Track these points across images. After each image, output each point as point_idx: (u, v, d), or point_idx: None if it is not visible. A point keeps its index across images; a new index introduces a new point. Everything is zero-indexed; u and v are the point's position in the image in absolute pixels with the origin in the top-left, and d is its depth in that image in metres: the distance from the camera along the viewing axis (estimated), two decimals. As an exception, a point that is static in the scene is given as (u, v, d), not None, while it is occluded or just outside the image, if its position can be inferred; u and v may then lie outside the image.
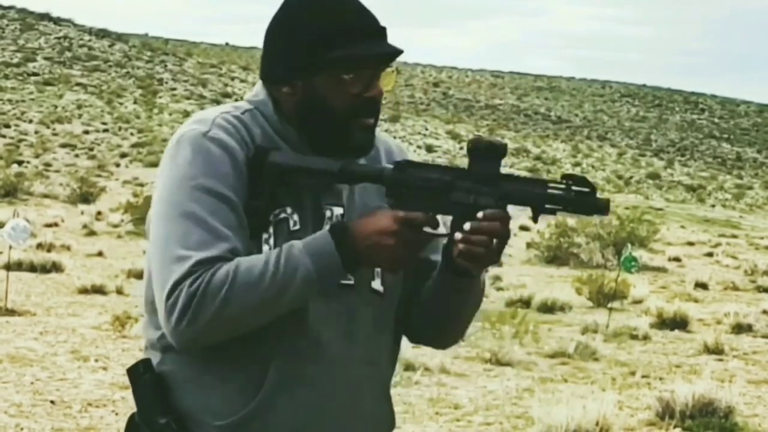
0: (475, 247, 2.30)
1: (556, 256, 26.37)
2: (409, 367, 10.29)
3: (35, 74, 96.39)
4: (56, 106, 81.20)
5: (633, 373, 11.30)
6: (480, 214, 2.30)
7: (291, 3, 2.48)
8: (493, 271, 19.47)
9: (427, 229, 2.36)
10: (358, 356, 2.47)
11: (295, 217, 2.42)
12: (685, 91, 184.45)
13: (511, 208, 2.34)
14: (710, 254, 32.61)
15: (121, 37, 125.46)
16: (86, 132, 70.25)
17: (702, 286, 22.20)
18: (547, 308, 16.08)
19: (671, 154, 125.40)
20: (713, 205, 74.00)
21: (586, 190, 2.29)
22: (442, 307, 2.52)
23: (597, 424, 7.75)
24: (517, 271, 23.61)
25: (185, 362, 2.43)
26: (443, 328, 2.58)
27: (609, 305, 15.55)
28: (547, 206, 2.31)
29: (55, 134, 68.08)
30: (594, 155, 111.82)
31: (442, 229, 2.40)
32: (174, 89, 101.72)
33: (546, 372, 11.18)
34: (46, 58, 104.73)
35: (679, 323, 14.98)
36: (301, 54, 2.43)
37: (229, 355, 2.40)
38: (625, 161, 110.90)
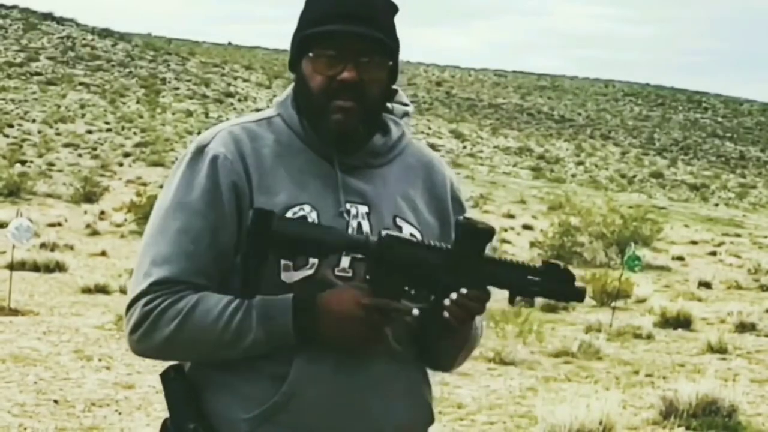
0: (453, 319, 2.40)
1: (560, 255, 26.35)
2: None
3: (38, 74, 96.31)
4: (59, 106, 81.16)
5: (636, 372, 11.29)
6: (463, 291, 2.38)
7: None
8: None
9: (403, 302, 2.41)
10: (389, 351, 2.47)
11: (314, 215, 2.44)
12: (689, 89, 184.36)
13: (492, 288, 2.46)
14: (714, 253, 32.62)
15: (123, 37, 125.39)
16: (89, 131, 70.16)
17: (705, 285, 22.21)
18: (551, 307, 16.05)
19: (674, 153, 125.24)
20: (716, 204, 73.95)
21: (564, 279, 2.40)
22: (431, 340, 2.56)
23: (600, 423, 7.74)
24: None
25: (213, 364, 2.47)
26: (435, 357, 2.62)
27: (612, 304, 15.55)
28: (525, 292, 2.43)
29: (58, 134, 67.99)
30: (597, 154, 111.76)
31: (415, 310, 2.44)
32: (177, 89, 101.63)
33: (549, 371, 11.17)
34: (49, 58, 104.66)
35: (683, 322, 14.98)
36: (293, 41, 2.53)
37: None
38: (628, 160, 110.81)
